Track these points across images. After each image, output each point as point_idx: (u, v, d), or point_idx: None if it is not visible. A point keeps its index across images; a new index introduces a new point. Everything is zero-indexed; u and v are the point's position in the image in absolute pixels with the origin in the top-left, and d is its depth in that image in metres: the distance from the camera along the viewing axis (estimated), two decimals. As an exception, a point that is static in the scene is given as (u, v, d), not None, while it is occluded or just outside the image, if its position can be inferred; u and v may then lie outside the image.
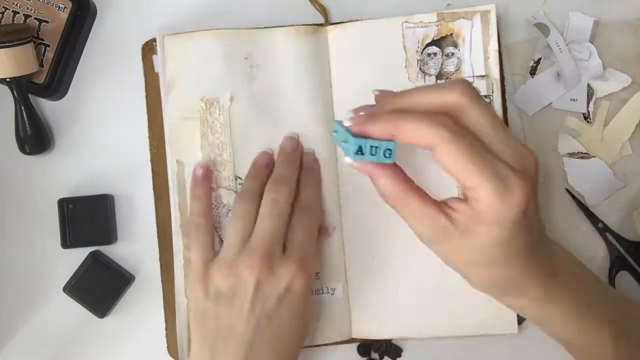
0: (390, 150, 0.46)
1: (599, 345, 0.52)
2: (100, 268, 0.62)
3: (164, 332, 0.62)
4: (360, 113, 0.48)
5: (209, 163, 0.60)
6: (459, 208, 0.46)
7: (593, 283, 0.54)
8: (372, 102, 0.62)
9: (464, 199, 0.46)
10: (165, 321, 0.62)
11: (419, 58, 0.61)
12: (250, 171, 0.59)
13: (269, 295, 0.53)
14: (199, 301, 0.55)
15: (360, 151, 0.46)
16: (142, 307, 0.63)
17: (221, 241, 0.60)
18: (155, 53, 0.61)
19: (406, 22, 0.61)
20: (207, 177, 0.60)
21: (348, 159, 0.47)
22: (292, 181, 0.58)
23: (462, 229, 0.46)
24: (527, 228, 0.46)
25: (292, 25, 0.62)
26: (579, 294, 0.52)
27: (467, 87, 0.46)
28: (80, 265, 0.62)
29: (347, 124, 0.47)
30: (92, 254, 0.62)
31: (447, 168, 0.45)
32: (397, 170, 0.48)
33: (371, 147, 0.46)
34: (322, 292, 0.61)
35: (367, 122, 0.46)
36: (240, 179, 0.61)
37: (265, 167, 0.59)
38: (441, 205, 0.47)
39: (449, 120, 0.45)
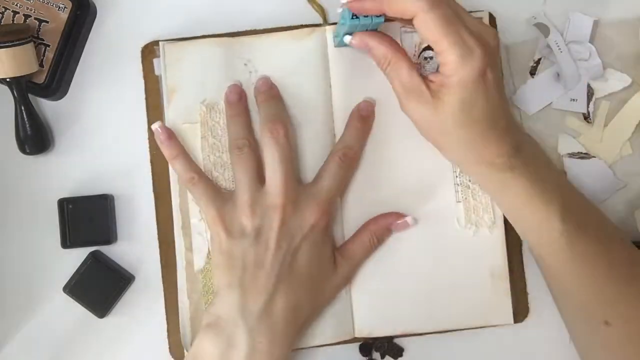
0: (379, 20, 0.55)
1: (548, 219, 0.55)
2: (100, 268, 0.62)
3: (165, 333, 0.62)
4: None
5: (166, 126, 0.61)
6: (434, 78, 0.54)
7: (550, 165, 0.59)
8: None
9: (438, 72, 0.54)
10: (167, 322, 0.62)
11: (416, 61, 0.61)
12: (228, 112, 0.61)
13: (294, 234, 0.56)
14: (222, 242, 0.57)
15: (355, 16, 0.54)
16: (142, 307, 0.63)
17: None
18: (157, 56, 0.62)
19: (403, 26, 0.61)
20: (170, 137, 0.60)
21: (347, 37, 0.56)
22: (282, 116, 0.59)
23: (434, 94, 0.54)
24: (486, 92, 0.53)
25: (288, 28, 0.62)
26: (537, 169, 0.56)
27: None
28: (80, 265, 0.62)
29: (343, 1, 0.54)
30: (92, 254, 0.62)
31: (423, 36, 0.53)
32: (392, 40, 0.56)
33: (364, 17, 0.55)
34: None
35: (359, 1, 0.54)
36: None
37: (238, 101, 0.60)
38: (423, 77, 0.55)
39: None
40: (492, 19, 0.63)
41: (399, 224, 0.61)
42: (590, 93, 0.63)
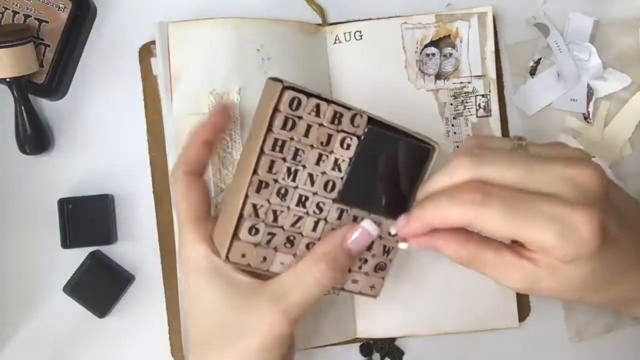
0: None
1: None
2: (100, 268, 0.62)
3: (167, 335, 0.62)
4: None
5: None
6: (538, 256, 0.43)
7: None
8: (369, 106, 0.62)
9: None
10: (169, 324, 0.62)
11: (418, 58, 0.61)
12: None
13: None
14: None
15: None
16: (142, 307, 0.63)
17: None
18: (154, 56, 0.61)
19: (405, 23, 0.61)
20: None
21: (402, 245, 0.48)
22: None
23: (551, 270, 0.42)
24: (616, 249, 0.43)
25: (299, 20, 0.61)
26: None
27: (465, 155, 0.44)
28: (80, 265, 0.62)
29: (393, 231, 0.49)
30: (92, 254, 0.62)
31: (495, 234, 0.42)
32: (459, 232, 0.44)
33: None
34: (328, 293, 0.61)
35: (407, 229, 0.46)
36: None
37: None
38: (519, 251, 0.43)
39: (470, 188, 0.42)
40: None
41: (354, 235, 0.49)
42: (590, 93, 0.63)
